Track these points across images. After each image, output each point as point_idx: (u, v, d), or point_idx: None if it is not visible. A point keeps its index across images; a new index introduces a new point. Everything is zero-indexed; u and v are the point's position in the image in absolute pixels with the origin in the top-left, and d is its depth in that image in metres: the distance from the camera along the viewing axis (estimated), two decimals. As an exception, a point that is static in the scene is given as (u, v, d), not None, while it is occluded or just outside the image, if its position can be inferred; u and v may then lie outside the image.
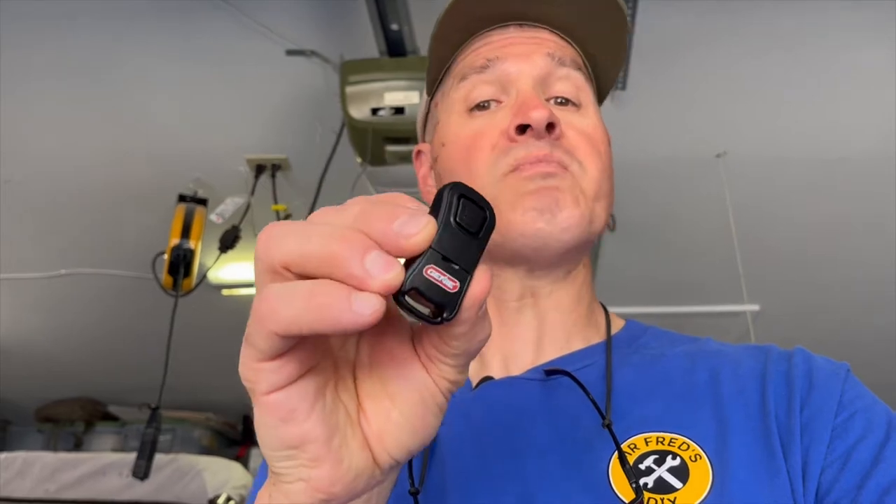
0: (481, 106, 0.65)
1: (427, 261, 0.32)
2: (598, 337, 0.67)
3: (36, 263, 2.77)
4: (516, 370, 0.64)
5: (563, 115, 0.64)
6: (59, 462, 2.74)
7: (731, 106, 2.02)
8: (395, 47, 1.58)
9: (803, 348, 0.61)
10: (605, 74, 0.72)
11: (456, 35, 0.68)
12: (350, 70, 1.63)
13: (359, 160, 1.74)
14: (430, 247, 0.32)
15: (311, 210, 2.02)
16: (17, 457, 2.78)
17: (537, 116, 0.60)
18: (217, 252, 2.27)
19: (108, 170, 2.29)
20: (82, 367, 3.82)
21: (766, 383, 0.57)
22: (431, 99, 0.72)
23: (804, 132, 2.08)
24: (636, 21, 1.71)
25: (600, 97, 0.73)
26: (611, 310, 0.72)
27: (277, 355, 0.32)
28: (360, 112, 1.60)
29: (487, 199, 0.34)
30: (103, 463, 2.73)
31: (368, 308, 0.29)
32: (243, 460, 4.13)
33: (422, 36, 1.61)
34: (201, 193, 2.23)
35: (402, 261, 0.31)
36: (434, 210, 0.33)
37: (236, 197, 2.13)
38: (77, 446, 4.13)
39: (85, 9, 1.74)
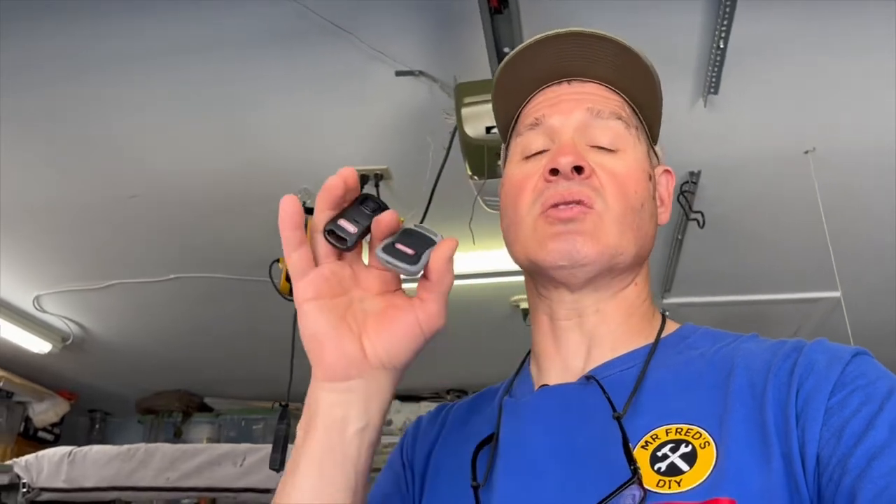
0: (535, 153, 0.77)
1: (339, 216, 0.60)
2: (646, 341, 0.75)
3: (151, 269, 2.98)
4: (573, 377, 0.74)
5: (599, 158, 0.75)
6: (178, 452, 2.95)
7: (819, 104, 2.07)
8: (507, 69, 1.68)
9: (824, 340, 0.66)
10: (651, 116, 0.83)
11: (517, 92, 0.82)
12: (464, 92, 1.74)
13: (469, 174, 1.86)
14: (345, 213, 0.60)
15: (423, 218, 2.17)
16: (139, 448, 3.00)
17: (564, 162, 0.72)
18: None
19: (219, 183, 2.46)
20: (180, 363, 4.06)
21: (769, 375, 0.62)
22: (507, 146, 0.86)
23: (889, 125, 2.12)
24: (732, 27, 1.78)
25: (653, 133, 0.85)
26: (696, 299, 0.83)
27: (304, 275, 0.60)
28: (475, 131, 1.72)
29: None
30: (219, 453, 2.93)
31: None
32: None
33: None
34: (309, 203, 2.38)
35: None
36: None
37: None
38: (177, 436, 4.39)
39: (208, 40, 1.90)
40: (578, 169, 0.71)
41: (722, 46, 1.82)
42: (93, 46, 1.90)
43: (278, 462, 1.93)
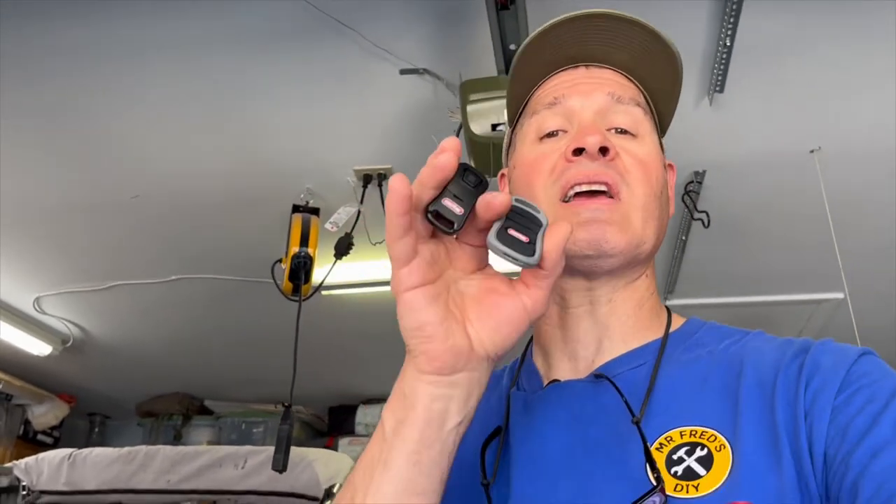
0: (550, 134, 0.75)
1: (444, 195, 0.52)
2: (655, 336, 0.73)
3: (153, 270, 2.96)
4: (583, 371, 0.72)
5: (621, 142, 0.72)
6: (179, 455, 2.92)
7: (826, 103, 2.06)
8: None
9: (830, 340, 0.66)
10: (665, 107, 0.81)
11: (531, 76, 0.79)
12: (470, 89, 1.73)
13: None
14: (447, 189, 0.52)
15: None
16: (140, 450, 2.97)
17: (591, 141, 0.69)
18: (324, 258, 2.41)
19: (221, 183, 2.45)
20: (181, 365, 4.04)
21: (778, 375, 0.63)
22: (513, 131, 0.83)
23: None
24: (738, 24, 1.77)
25: (662, 128, 0.82)
26: (700, 300, 0.79)
27: (406, 263, 0.53)
28: (480, 128, 1.70)
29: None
30: (219, 455, 2.90)
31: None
32: (332, 450, 4.30)
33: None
34: (312, 203, 2.37)
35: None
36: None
37: (348, 206, 2.26)
38: (177, 438, 4.36)
39: (211, 37, 1.89)
40: (603, 150, 0.69)
41: (728, 44, 1.81)
42: (93, 43, 1.89)
43: (281, 463, 1.91)
